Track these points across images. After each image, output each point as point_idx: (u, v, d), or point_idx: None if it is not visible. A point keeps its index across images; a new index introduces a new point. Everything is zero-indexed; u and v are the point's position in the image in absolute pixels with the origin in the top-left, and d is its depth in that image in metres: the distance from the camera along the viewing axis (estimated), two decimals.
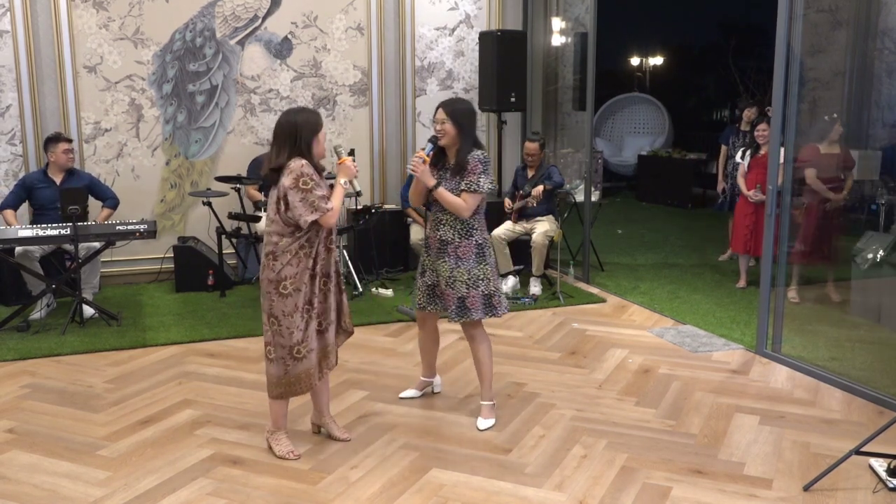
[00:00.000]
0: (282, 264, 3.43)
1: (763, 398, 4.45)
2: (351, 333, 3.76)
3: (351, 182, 3.57)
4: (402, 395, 4.36)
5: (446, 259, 3.82)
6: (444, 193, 3.74)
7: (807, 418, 4.18)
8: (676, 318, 6.03)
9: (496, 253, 6.69)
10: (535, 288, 6.62)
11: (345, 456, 3.72)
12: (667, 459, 3.69)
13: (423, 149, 3.76)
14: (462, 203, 3.73)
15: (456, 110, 3.74)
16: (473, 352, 4.02)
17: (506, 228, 6.75)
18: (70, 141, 6.04)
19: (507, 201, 6.85)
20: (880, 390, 4.45)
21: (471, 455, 3.74)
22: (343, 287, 3.69)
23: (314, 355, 3.55)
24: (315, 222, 3.40)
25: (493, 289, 3.85)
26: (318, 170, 3.47)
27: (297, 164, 3.36)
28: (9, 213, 5.89)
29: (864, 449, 3.44)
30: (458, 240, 3.80)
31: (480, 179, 3.72)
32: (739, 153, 6.93)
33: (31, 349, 5.20)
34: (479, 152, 3.75)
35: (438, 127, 3.73)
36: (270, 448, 3.75)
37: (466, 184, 3.72)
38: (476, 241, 3.81)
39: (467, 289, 3.79)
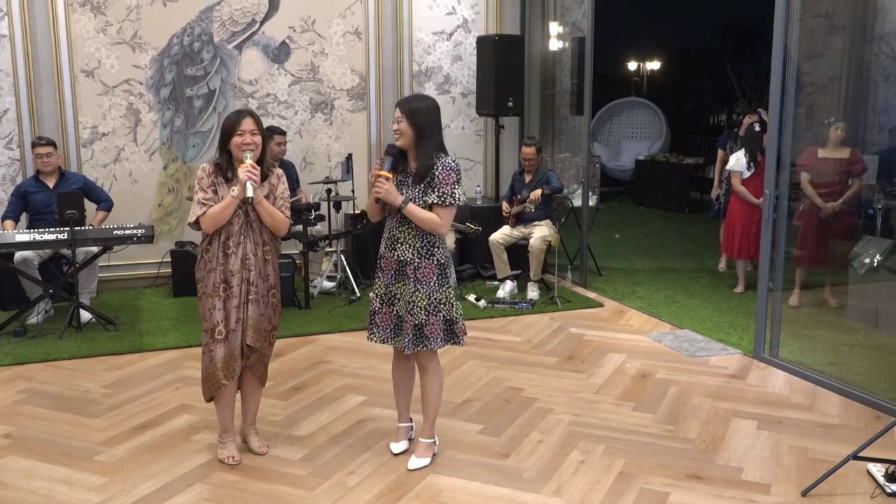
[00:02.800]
0: (197, 265, 3.52)
1: (761, 403, 4.45)
2: (255, 349, 3.54)
3: (244, 187, 3.33)
4: (394, 450, 3.77)
5: (405, 282, 3.43)
6: (415, 210, 3.33)
7: (804, 423, 4.17)
8: (674, 323, 6.02)
9: (494, 257, 6.71)
10: (533, 293, 6.61)
11: (342, 461, 3.71)
12: (665, 465, 3.68)
13: (380, 165, 3.36)
14: (436, 219, 3.35)
15: (413, 108, 3.32)
16: (423, 384, 3.59)
17: (503, 233, 6.74)
18: (45, 144, 5.97)
19: (505, 205, 6.83)
20: (878, 395, 4.45)
21: (468, 460, 3.73)
22: (253, 298, 3.46)
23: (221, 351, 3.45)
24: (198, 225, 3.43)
25: (455, 314, 3.47)
26: (229, 173, 3.42)
27: (200, 167, 3.48)
28: (9, 223, 5.89)
29: (861, 454, 3.44)
30: (417, 260, 3.41)
31: (455, 191, 3.35)
32: (735, 159, 6.82)
33: (28, 354, 5.19)
34: (448, 159, 3.37)
35: (394, 126, 3.34)
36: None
37: (439, 196, 3.34)
38: (438, 260, 3.42)
39: (426, 315, 3.40)
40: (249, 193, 3.35)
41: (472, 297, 6.50)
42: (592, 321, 6.09)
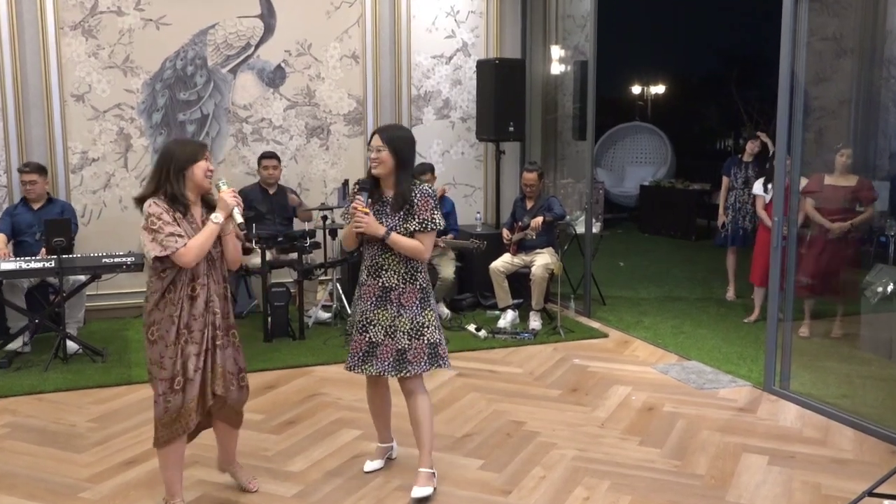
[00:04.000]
0: (151, 306, 3.31)
1: (772, 437, 4.43)
2: (223, 400, 3.42)
3: (231, 215, 3.33)
4: (367, 468, 3.94)
5: (386, 308, 3.57)
6: (398, 240, 3.50)
7: (817, 458, 4.15)
8: (681, 354, 6.02)
9: (495, 286, 6.73)
10: (535, 322, 6.61)
11: (337, 498, 3.68)
12: (672, 501, 3.66)
13: (356, 200, 3.48)
14: (420, 245, 3.52)
15: (394, 137, 3.50)
16: (412, 410, 3.68)
17: (504, 261, 6.75)
18: (30, 171, 6.02)
19: (506, 232, 6.85)
20: (893, 429, 4.43)
21: (469, 497, 3.70)
22: (220, 345, 3.37)
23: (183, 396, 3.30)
24: (171, 262, 3.26)
25: (437, 337, 3.61)
26: (185, 204, 3.31)
27: (147, 204, 3.28)
28: (1, 237, 5.94)
29: (877, 490, 3.41)
30: (402, 285, 3.56)
31: (435, 216, 3.54)
32: (759, 185, 6.83)
33: (12, 386, 5.16)
34: (425, 186, 3.56)
35: (374, 155, 3.48)
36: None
37: (420, 223, 3.51)
38: (420, 285, 3.59)
39: (409, 340, 3.55)
40: (239, 219, 3.34)
41: (472, 327, 6.49)
42: (597, 352, 6.09)
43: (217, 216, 3.32)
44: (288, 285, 6.50)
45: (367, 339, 3.59)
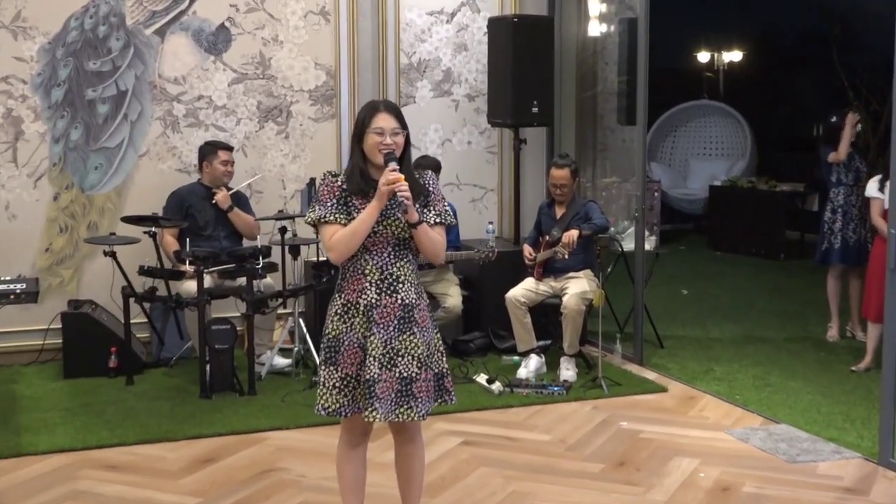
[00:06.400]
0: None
1: None
2: None
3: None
4: None
5: (412, 332, 3.83)
6: (427, 231, 3.82)
7: None
8: (767, 415, 6.01)
9: (514, 322, 6.70)
10: (569, 372, 6.59)
11: None
12: None
13: (390, 166, 3.74)
14: (442, 242, 3.90)
15: (402, 116, 3.90)
16: (407, 461, 4.01)
17: (526, 288, 6.72)
18: None
19: (528, 250, 6.82)
20: None
21: None
22: None
23: None
24: None
25: (444, 365, 3.96)
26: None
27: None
28: None
29: None
30: (417, 300, 3.87)
31: (448, 208, 3.93)
32: (873, 184, 6.78)
33: None
34: (430, 173, 3.97)
35: (388, 140, 3.79)
36: None
37: (438, 215, 3.88)
38: (426, 301, 3.94)
39: (419, 368, 3.82)
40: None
41: (482, 379, 6.47)
42: (652, 412, 6.08)
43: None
44: (234, 321, 6.45)
45: (396, 374, 3.76)
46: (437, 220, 3.86)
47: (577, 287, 6.60)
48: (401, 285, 3.81)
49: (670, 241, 12.67)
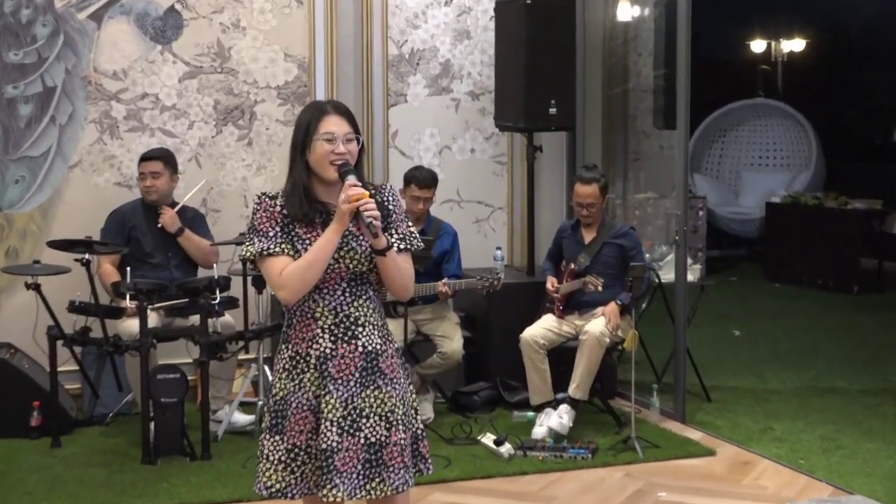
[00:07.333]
0: None
1: None
2: None
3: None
4: None
5: (380, 385, 3.73)
6: (395, 260, 3.72)
7: None
8: (838, 484, 5.90)
9: (528, 369, 6.68)
10: (561, 420, 6.45)
11: None
12: None
13: (348, 179, 3.66)
14: (410, 271, 3.83)
15: (353, 116, 3.84)
16: None
17: (545, 328, 6.68)
18: None
19: (552, 280, 6.80)
20: None
21: None
22: None
23: None
24: None
25: (419, 425, 3.89)
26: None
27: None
28: None
29: None
30: (383, 345, 3.78)
31: (414, 230, 3.87)
32: None
33: None
34: (390, 185, 3.90)
35: (342, 149, 3.70)
36: None
37: (402, 238, 3.78)
38: (395, 344, 3.86)
39: (389, 430, 3.72)
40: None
41: (488, 440, 6.38)
42: (697, 480, 6.04)
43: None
44: (184, 369, 6.40)
45: (361, 440, 3.69)
46: (403, 246, 3.78)
47: (602, 322, 6.60)
48: (361, 329, 3.73)
49: (719, 270, 12.60)
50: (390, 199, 3.81)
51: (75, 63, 7.10)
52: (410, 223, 3.86)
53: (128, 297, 6.20)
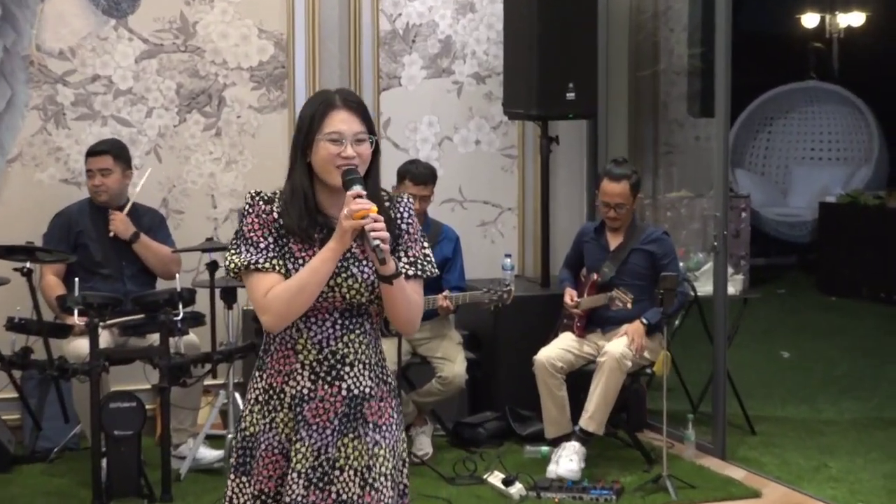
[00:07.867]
0: None
1: None
2: None
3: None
4: None
5: (360, 433, 3.60)
6: (404, 289, 3.54)
7: None
8: None
9: (543, 396, 6.61)
10: (571, 463, 6.31)
11: None
12: None
13: (353, 190, 3.47)
14: (420, 304, 3.66)
15: (369, 116, 3.67)
16: None
17: (562, 348, 6.60)
18: None
19: (571, 294, 6.74)
20: None
21: None
22: None
23: None
24: None
25: (405, 481, 3.78)
26: None
27: None
28: None
29: None
30: (374, 389, 3.63)
31: (429, 253, 3.70)
32: None
33: None
34: (406, 199, 3.71)
35: (349, 151, 3.51)
36: None
37: (413, 263, 3.62)
38: (392, 385, 3.72)
39: (363, 489, 3.60)
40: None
41: (496, 479, 6.32)
42: None
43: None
44: (141, 397, 6.31)
45: (332, 496, 3.58)
46: (413, 273, 3.59)
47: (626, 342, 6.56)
48: (347, 369, 3.57)
49: (765, 281, 12.39)
50: (405, 213, 3.66)
51: (15, 40, 7.10)
52: (426, 244, 3.71)
53: (76, 312, 6.13)
